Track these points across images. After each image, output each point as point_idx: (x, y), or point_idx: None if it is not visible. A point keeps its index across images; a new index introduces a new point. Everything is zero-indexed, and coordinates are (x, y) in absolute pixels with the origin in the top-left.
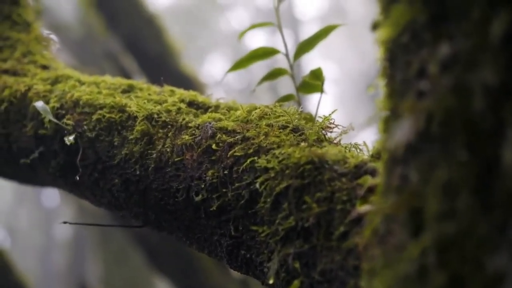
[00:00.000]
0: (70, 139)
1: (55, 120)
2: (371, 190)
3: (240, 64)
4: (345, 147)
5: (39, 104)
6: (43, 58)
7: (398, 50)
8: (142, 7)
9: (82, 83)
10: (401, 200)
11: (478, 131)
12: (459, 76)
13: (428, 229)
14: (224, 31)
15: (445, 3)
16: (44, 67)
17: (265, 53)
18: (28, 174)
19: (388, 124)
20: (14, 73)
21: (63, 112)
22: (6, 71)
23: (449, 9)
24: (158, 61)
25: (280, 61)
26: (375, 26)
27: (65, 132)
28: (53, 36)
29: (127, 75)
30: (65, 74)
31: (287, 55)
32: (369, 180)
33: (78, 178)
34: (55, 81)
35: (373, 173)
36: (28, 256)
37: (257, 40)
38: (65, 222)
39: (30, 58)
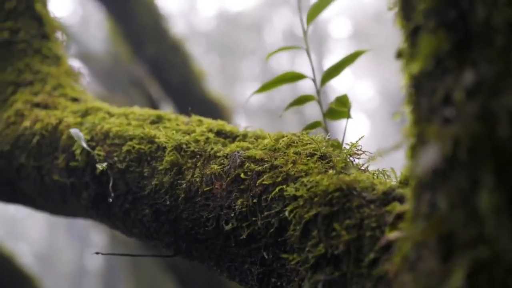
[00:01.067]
0: (103, 165)
1: (87, 147)
2: (399, 216)
3: (267, 86)
4: (373, 174)
5: (74, 130)
6: (73, 90)
7: (423, 77)
8: (167, 34)
9: (111, 115)
10: (430, 227)
11: (506, 157)
12: (484, 103)
13: (458, 255)
14: (257, 55)
15: (468, 31)
16: (75, 100)
17: (293, 77)
18: (60, 206)
19: (415, 150)
20: (45, 106)
21: (94, 144)
22: (37, 105)
23: (473, 37)
24: (183, 87)
25: (307, 82)
26: (399, 54)
27: (96, 163)
28: (82, 68)
29: (154, 102)
30: (95, 106)
31: (314, 80)
32: (397, 207)
33: (110, 200)
34: (85, 113)
35: (401, 199)
36: (60, 284)
37: (286, 61)
38: (97, 253)
39: (60, 91)
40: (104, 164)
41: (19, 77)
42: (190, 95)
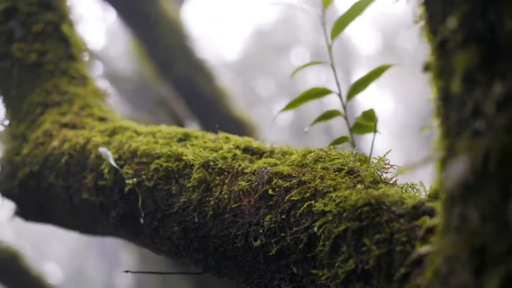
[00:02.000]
0: (133, 180)
1: (115, 165)
2: (430, 230)
3: (294, 103)
4: (402, 188)
5: (102, 149)
6: (100, 110)
7: (452, 91)
8: (192, 53)
9: (138, 133)
10: (462, 240)
11: None
12: None
13: (490, 268)
14: (285, 72)
15: (497, 43)
16: (102, 119)
17: (319, 93)
18: (89, 225)
19: (444, 163)
20: (73, 126)
21: (122, 162)
22: (65, 125)
23: (502, 49)
24: (209, 105)
25: (334, 98)
26: (426, 68)
27: (125, 180)
28: (108, 88)
29: (180, 121)
30: (122, 126)
31: (340, 95)
32: (427, 221)
33: (142, 221)
34: (113, 132)
35: (431, 213)
36: None
37: (312, 78)
38: (127, 271)
39: (88, 111)
40: (134, 180)
41: (47, 98)
42: (215, 114)
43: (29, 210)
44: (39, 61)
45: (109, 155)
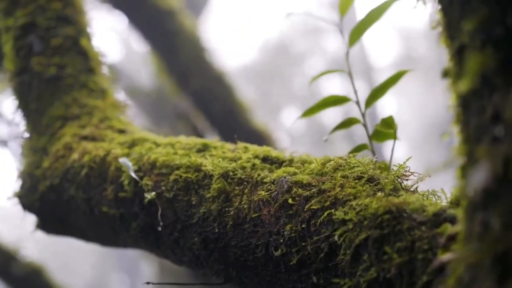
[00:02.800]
0: (151, 194)
1: (135, 177)
2: (452, 238)
3: (311, 111)
4: (423, 195)
5: (123, 160)
6: (120, 122)
7: (471, 96)
8: (211, 66)
9: (158, 145)
10: (484, 247)
11: None
12: None
13: None
14: (300, 81)
15: None
16: (121, 131)
17: (336, 100)
18: (110, 236)
19: (465, 170)
20: (92, 138)
21: (141, 174)
22: (85, 137)
23: None
24: (228, 117)
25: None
26: (445, 73)
27: (144, 193)
28: (128, 101)
29: (199, 133)
30: (141, 137)
31: (358, 102)
32: (449, 228)
33: (159, 229)
34: (132, 144)
35: (452, 220)
36: None
37: (333, 87)
38: (148, 283)
39: (107, 124)
40: (153, 193)
41: (67, 111)
42: (234, 125)
43: (50, 223)
44: (58, 74)
45: (130, 166)
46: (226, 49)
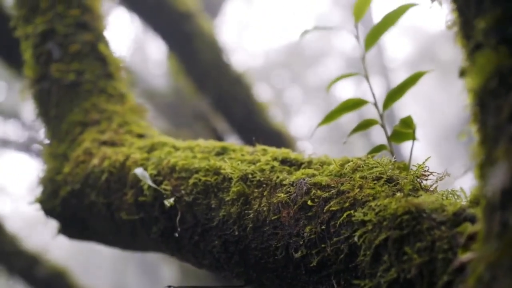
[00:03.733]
0: (170, 201)
1: (153, 185)
2: (472, 237)
3: (331, 116)
4: (442, 195)
5: (139, 170)
6: (139, 127)
7: (487, 96)
8: (229, 68)
9: (177, 148)
10: (504, 246)
11: None
12: None
13: None
14: (314, 82)
15: None
16: (140, 136)
17: (355, 104)
18: (130, 241)
19: (483, 170)
20: (112, 143)
21: (161, 178)
22: (104, 143)
23: None
24: (247, 118)
25: (372, 108)
26: (462, 73)
27: (164, 197)
28: (146, 105)
29: (218, 134)
30: (160, 141)
31: (375, 104)
32: (469, 228)
33: (176, 234)
34: (151, 148)
35: (472, 220)
36: None
37: (347, 88)
38: (169, 286)
39: (126, 128)
40: (171, 200)
41: (86, 117)
42: (253, 127)
43: (71, 228)
44: (77, 80)
45: (146, 176)
46: (242, 50)
